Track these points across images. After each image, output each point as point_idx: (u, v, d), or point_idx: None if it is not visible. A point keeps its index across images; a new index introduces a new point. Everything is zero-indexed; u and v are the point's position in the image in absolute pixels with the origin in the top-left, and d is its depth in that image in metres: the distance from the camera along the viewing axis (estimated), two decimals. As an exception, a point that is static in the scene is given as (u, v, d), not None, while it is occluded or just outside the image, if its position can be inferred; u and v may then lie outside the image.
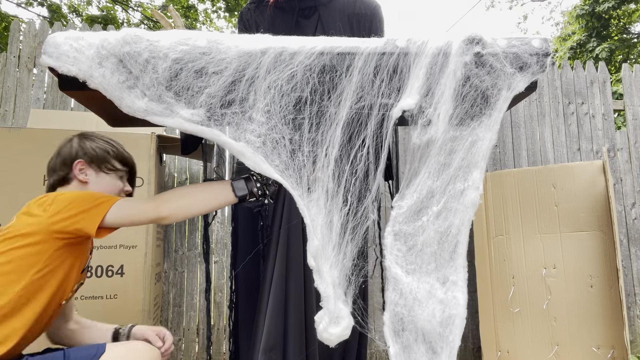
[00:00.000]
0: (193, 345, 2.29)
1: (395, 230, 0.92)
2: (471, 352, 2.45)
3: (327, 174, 0.92)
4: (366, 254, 0.99)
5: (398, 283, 0.90)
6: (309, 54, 0.90)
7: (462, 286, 0.91)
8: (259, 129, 0.91)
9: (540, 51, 0.92)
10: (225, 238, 2.39)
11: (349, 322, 0.91)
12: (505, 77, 0.90)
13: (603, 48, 8.60)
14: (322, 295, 0.91)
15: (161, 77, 0.88)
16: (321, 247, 0.91)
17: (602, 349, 1.93)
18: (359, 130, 0.93)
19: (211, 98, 0.90)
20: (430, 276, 0.91)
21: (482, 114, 0.92)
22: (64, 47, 0.89)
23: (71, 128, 1.70)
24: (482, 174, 0.92)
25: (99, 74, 0.88)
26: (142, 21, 8.96)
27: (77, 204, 0.98)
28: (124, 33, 0.89)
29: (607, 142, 2.69)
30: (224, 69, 0.89)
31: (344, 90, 0.91)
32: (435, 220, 0.91)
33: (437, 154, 0.91)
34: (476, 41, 0.90)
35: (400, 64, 0.91)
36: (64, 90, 0.94)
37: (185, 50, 0.89)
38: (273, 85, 0.90)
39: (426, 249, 0.91)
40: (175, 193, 1.04)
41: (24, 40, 2.43)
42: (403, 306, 0.90)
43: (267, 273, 1.06)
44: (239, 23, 1.52)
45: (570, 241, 2.05)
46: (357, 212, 0.94)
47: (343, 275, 0.93)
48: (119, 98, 0.89)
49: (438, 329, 0.88)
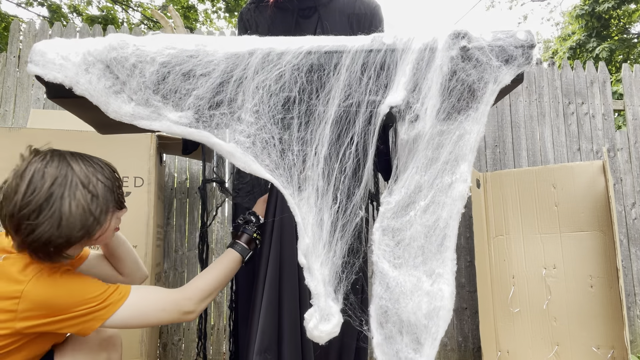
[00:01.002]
0: (193, 345, 2.29)
1: (383, 225, 0.93)
2: (471, 352, 2.45)
3: (317, 172, 0.92)
4: (358, 251, 0.99)
5: (384, 277, 0.91)
6: (296, 54, 0.90)
7: (448, 278, 0.91)
8: (248, 129, 0.91)
9: (525, 43, 0.92)
10: (225, 238, 2.39)
11: (339, 320, 0.92)
12: (492, 70, 0.90)
13: (603, 48, 8.60)
14: (312, 292, 0.91)
15: (148, 80, 0.88)
16: (312, 245, 0.92)
17: (602, 349, 1.93)
18: (348, 128, 0.93)
19: (199, 100, 0.90)
20: (418, 269, 0.91)
21: (469, 108, 0.92)
22: (50, 54, 0.88)
23: (71, 128, 1.70)
24: (470, 166, 0.91)
25: (85, 80, 0.87)
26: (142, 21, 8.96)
27: (63, 307, 0.76)
28: (111, 39, 0.89)
29: (607, 142, 2.69)
30: (212, 71, 0.89)
31: (332, 88, 0.91)
32: (423, 215, 0.91)
33: (425, 148, 0.92)
34: (462, 35, 0.90)
35: (387, 60, 0.91)
36: (52, 99, 0.93)
37: (173, 53, 0.89)
38: (261, 86, 0.90)
39: (413, 243, 0.91)
40: (205, 294, 0.95)
41: (24, 40, 2.43)
42: (388, 299, 0.91)
43: (261, 273, 1.06)
44: (239, 23, 1.52)
45: (570, 241, 2.05)
46: (346, 210, 0.95)
47: (333, 273, 0.93)
48: (105, 103, 0.88)
49: (423, 321, 0.89)
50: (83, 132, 1.64)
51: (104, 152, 1.35)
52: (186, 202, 2.39)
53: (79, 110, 1.04)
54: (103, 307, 0.81)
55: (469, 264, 2.46)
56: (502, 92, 0.96)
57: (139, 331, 1.68)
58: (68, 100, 0.95)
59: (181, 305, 0.89)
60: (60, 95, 0.91)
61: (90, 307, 0.79)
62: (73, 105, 0.99)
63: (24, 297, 0.75)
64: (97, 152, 1.14)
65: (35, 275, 0.78)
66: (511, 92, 1.13)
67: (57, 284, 0.79)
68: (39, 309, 0.77)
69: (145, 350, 1.69)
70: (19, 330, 0.77)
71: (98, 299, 0.81)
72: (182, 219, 2.38)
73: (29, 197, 0.76)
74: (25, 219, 0.76)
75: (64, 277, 0.81)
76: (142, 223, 1.71)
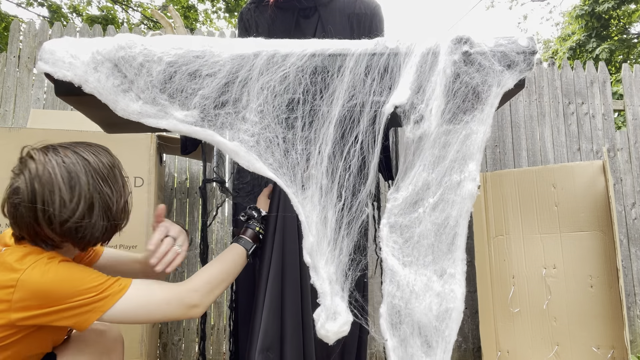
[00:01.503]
0: (193, 345, 2.29)
1: (390, 222, 0.92)
2: (471, 352, 2.45)
3: (320, 170, 0.92)
4: (364, 249, 0.99)
5: (395, 275, 0.90)
6: (300, 56, 0.91)
7: (459, 279, 0.90)
8: (252, 129, 0.92)
9: (527, 49, 0.93)
10: (225, 238, 2.39)
11: (346, 318, 0.91)
12: (495, 74, 0.91)
13: (603, 49, 8.59)
14: (318, 291, 0.91)
15: (155, 80, 0.89)
16: (316, 243, 0.91)
17: (602, 349, 1.93)
18: (352, 127, 0.93)
19: (205, 99, 0.91)
20: (428, 268, 0.90)
21: (475, 109, 0.93)
22: (60, 53, 0.90)
23: (71, 128, 1.70)
24: (479, 165, 0.91)
25: (94, 79, 0.89)
26: (142, 21, 8.95)
27: (59, 297, 0.75)
28: (119, 38, 0.91)
29: (607, 142, 2.69)
30: (218, 71, 0.90)
31: (336, 89, 0.92)
32: (432, 212, 0.90)
33: (432, 147, 0.92)
34: (464, 41, 0.91)
35: (390, 63, 0.92)
36: (60, 96, 0.95)
37: (180, 54, 0.90)
38: (266, 87, 0.91)
39: (423, 241, 0.90)
40: (209, 287, 0.90)
41: (24, 40, 2.43)
42: (400, 298, 0.89)
43: (263, 272, 1.06)
44: (239, 23, 1.52)
45: (570, 241, 2.05)
46: (351, 207, 0.95)
47: (340, 271, 0.93)
48: (114, 102, 0.90)
49: (434, 323, 0.87)
50: (83, 131, 1.64)
51: (104, 152, 1.34)
52: (186, 202, 2.39)
53: (86, 109, 1.05)
54: (101, 298, 0.77)
55: (468, 264, 2.45)
56: (505, 97, 0.96)
57: (139, 331, 1.68)
58: (76, 98, 0.96)
59: (186, 298, 0.84)
60: (69, 93, 0.93)
61: (88, 297, 0.76)
62: (81, 103, 1.00)
63: (19, 285, 0.74)
64: (97, 152, 1.14)
65: (32, 264, 0.77)
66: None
67: (54, 272, 0.77)
68: (34, 299, 0.75)
69: (145, 350, 1.69)
70: (14, 321, 0.75)
71: (96, 289, 0.78)
72: (182, 219, 2.38)
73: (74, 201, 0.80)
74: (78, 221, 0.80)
75: (61, 266, 0.79)
76: (142, 223, 1.71)
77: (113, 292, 0.79)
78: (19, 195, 0.79)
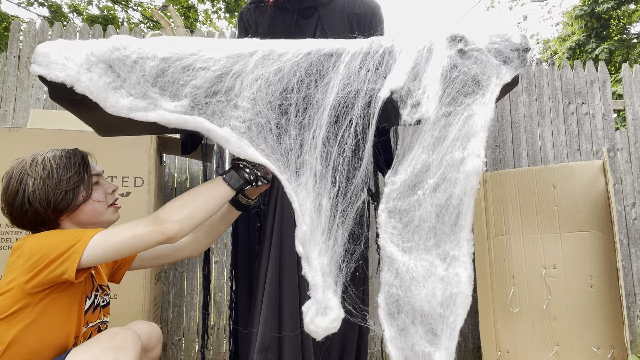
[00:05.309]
0: (193, 345, 2.29)
1: (389, 207, 0.88)
2: (471, 352, 2.45)
3: (314, 156, 0.89)
4: (358, 237, 0.95)
5: (393, 262, 0.85)
6: (296, 54, 0.91)
7: (464, 261, 0.85)
8: (244, 115, 0.89)
9: (520, 47, 0.93)
10: (225, 238, 2.39)
11: (338, 314, 0.86)
12: (493, 67, 0.91)
13: (602, 49, 8.59)
14: (310, 283, 0.86)
15: (148, 74, 0.89)
16: (310, 232, 0.87)
17: (602, 349, 1.93)
18: (346, 111, 0.91)
19: (196, 89, 0.90)
20: (430, 253, 0.85)
21: (476, 93, 0.91)
22: (53, 55, 0.90)
23: (71, 128, 1.70)
24: (483, 143, 0.87)
25: (86, 79, 0.88)
26: (142, 21, 8.95)
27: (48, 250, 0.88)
28: (114, 40, 0.90)
29: (607, 142, 2.69)
30: (212, 65, 0.89)
31: (331, 80, 0.91)
32: (433, 194, 0.86)
33: (431, 129, 0.89)
34: (459, 39, 0.92)
35: (385, 58, 0.93)
36: (54, 99, 0.94)
37: (175, 52, 0.90)
38: (260, 77, 0.90)
39: (424, 224, 0.85)
40: (175, 205, 0.93)
41: (24, 40, 2.43)
42: (399, 287, 0.84)
43: (261, 273, 1.06)
44: (238, 23, 1.52)
45: (570, 241, 2.05)
46: (346, 194, 0.91)
47: (334, 263, 0.88)
48: (104, 99, 0.89)
49: (439, 310, 0.82)
50: (83, 132, 1.64)
51: (104, 152, 1.35)
52: (186, 202, 2.38)
53: (80, 112, 1.05)
54: (79, 239, 0.89)
55: (469, 264, 2.46)
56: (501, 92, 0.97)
57: (139, 331, 1.68)
58: (69, 102, 0.95)
59: (157, 219, 0.90)
60: (62, 96, 0.92)
61: (68, 244, 0.89)
62: (74, 106, 1.00)
63: (24, 249, 0.90)
64: (97, 152, 1.14)
65: (36, 235, 0.96)
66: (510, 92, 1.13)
67: (45, 234, 0.95)
68: (33, 256, 0.88)
69: (145, 350, 1.69)
70: (24, 285, 0.88)
71: (76, 237, 0.90)
72: (182, 219, 2.37)
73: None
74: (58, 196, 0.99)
75: (54, 231, 0.97)
76: (142, 223, 1.71)
77: (88, 233, 0.91)
78: (6, 193, 0.98)
